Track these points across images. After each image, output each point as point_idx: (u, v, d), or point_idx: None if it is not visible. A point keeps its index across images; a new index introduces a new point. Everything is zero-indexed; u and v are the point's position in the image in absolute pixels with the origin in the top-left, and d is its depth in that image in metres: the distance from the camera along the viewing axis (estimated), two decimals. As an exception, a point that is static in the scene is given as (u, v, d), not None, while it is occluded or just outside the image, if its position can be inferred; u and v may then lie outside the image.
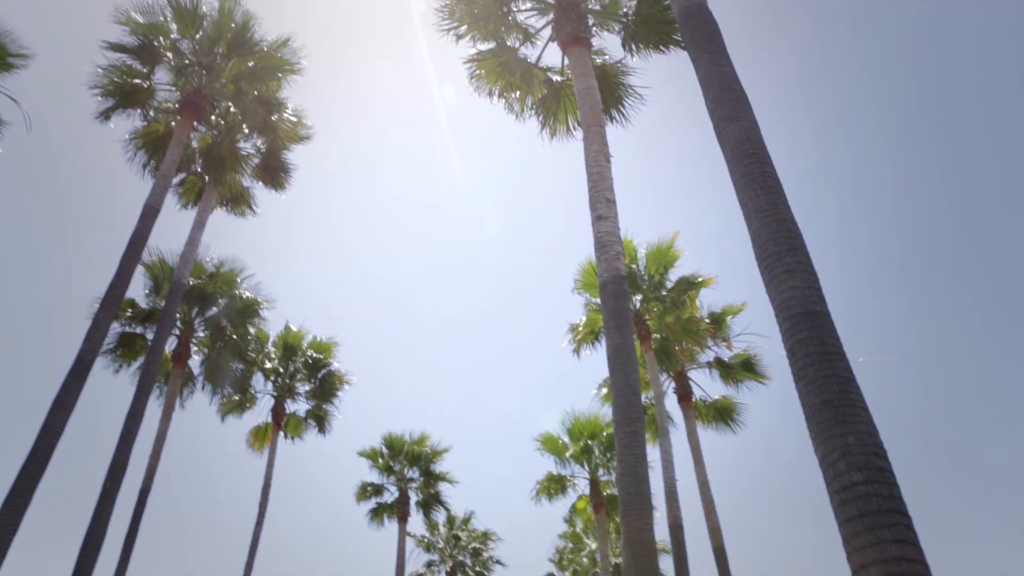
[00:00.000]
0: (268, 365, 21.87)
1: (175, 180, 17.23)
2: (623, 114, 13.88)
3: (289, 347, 22.36)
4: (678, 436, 19.42)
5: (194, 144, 17.06)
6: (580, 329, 19.72)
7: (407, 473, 26.98)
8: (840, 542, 4.71)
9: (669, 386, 18.95)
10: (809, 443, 5.08)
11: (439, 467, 27.21)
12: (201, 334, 19.44)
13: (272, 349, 22.21)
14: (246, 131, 16.97)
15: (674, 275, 18.64)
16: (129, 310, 18.42)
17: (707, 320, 18.71)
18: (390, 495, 26.76)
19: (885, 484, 4.58)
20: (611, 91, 13.54)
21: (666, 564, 24.86)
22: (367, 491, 26.63)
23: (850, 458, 4.62)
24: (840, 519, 4.60)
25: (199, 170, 17.38)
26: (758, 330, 18.90)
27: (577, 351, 19.90)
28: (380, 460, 26.89)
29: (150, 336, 18.46)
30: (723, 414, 19.30)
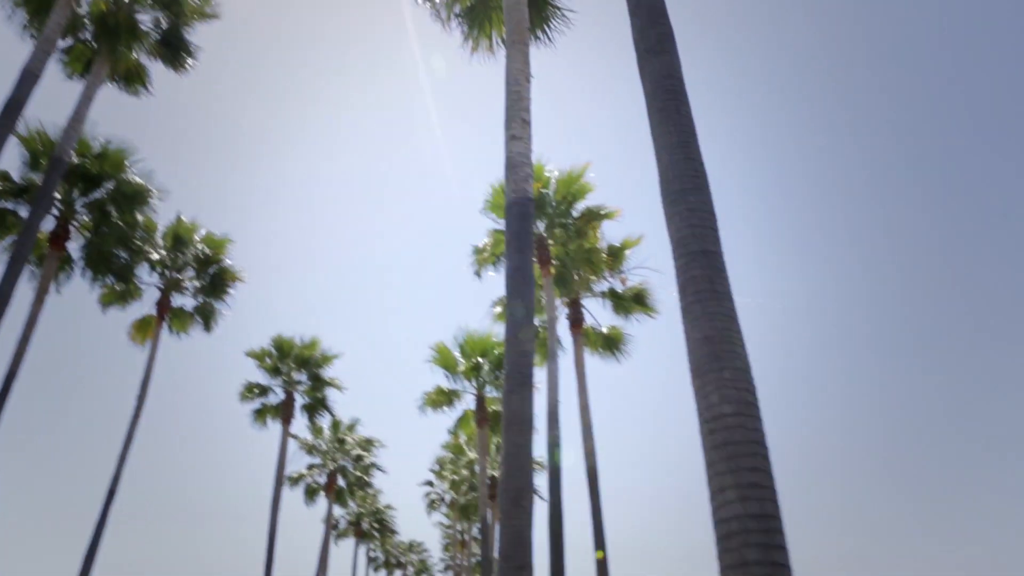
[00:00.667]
0: (155, 256, 20.87)
1: (61, 45, 15.77)
2: (548, 35, 13.64)
3: (179, 239, 21.37)
4: (566, 361, 20.11)
5: (85, 7, 15.57)
6: (484, 251, 19.80)
7: (295, 376, 26.80)
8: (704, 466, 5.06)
9: (563, 312, 19.43)
10: (687, 377, 5.38)
11: (328, 373, 27.18)
12: (84, 217, 18.23)
13: (161, 241, 21.18)
14: (147, 1, 15.64)
15: (581, 205, 18.87)
16: (0, 183, 17.00)
17: (606, 252, 19.16)
18: (276, 397, 26.59)
19: (751, 418, 4.92)
20: (538, 9, 13.24)
21: (541, 480, 26.11)
22: (253, 391, 26.35)
23: (723, 391, 4.92)
24: (707, 446, 4.93)
25: (89, 38, 15.93)
26: (654, 265, 19.51)
27: (479, 272, 20.03)
28: (268, 361, 26.56)
29: (24, 214, 17.17)
30: (611, 343, 20.02)
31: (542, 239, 18.47)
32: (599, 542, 16.27)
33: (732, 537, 4.59)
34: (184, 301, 21.88)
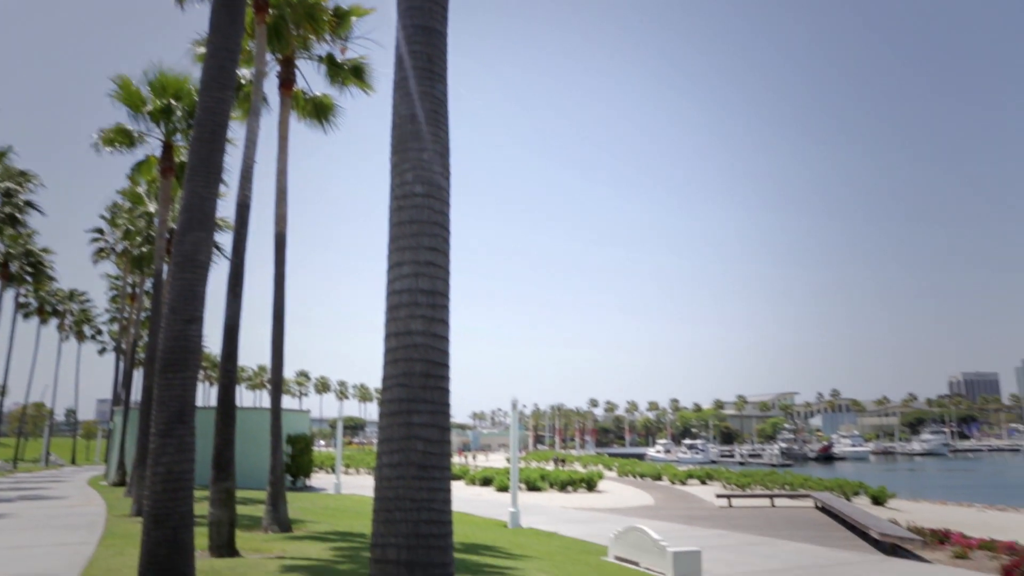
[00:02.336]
0: None
1: None
2: None
3: None
4: (269, 121, 18.86)
5: None
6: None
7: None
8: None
9: (273, 69, 17.90)
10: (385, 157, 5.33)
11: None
12: None
13: None
14: None
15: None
16: None
17: (332, 12, 17.71)
18: None
19: (439, 201, 5.09)
20: None
21: (226, 238, 25.09)
22: None
23: (418, 172, 4.99)
24: (393, 222, 5.04)
25: None
26: (379, 40, 18.57)
27: (181, 1, 17.29)
28: None
29: None
30: (321, 111, 19.11)
31: (261, -20, 16.39)
32: (279, 308, 16.43)
33: (400, 308, 4.88)
34: None
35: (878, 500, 30.59)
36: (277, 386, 16.69)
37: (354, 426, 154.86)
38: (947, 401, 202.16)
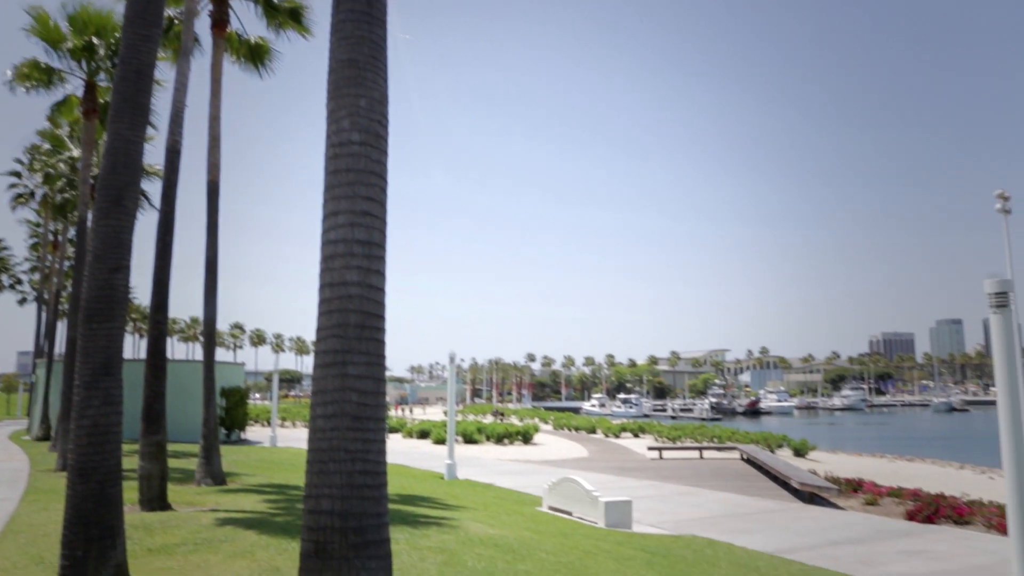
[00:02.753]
0: None
1: None
2: None
3: None
4: (201, 64, 18.09)
5: None
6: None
7: None
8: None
9: (205, 8, 17.08)
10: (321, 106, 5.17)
11: None
12: None
13: None
14: None
15: None
16: None
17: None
18: None
19: (377, 150, 4.99)
20: None
21: (155, 186, 24.14)
22: None
23: (355, 119, 4.87)
24: (328, 170, 4.92)
25: None
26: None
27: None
28: None
29: None
30: (256, 55, 18.39)
31: (191, -89, 15.50)
32: (211, 257, 15.98)
33: (335, 258, 4.80)
34: None
35: (800, 452, 32.06)
36: (210, 338, 16.33)
37: (291, 379, 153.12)
38: (867, 359, 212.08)
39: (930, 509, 14.26)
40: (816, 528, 12.85)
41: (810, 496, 17.27)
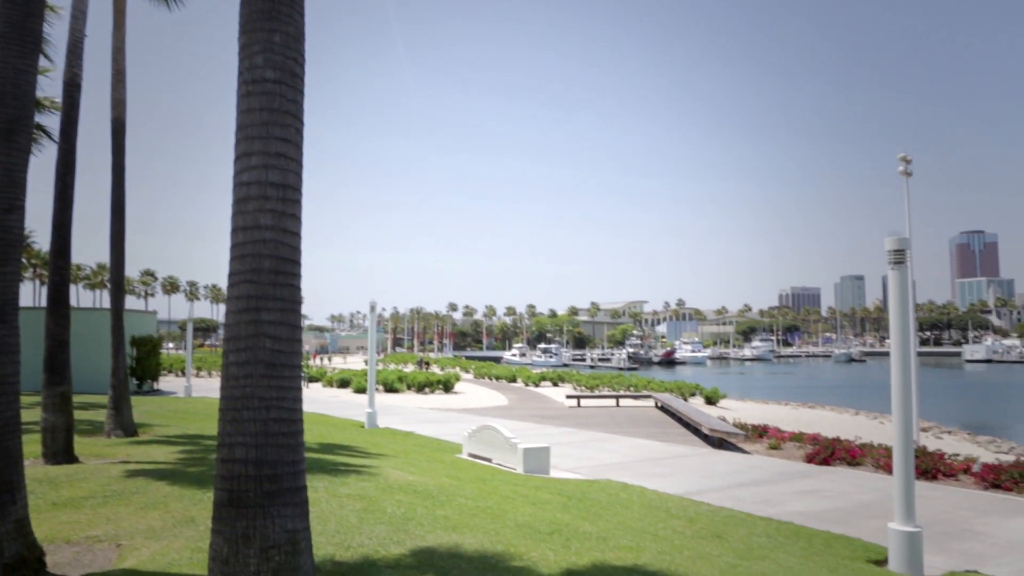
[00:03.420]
0: None
1: None
2: None
3: None
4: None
5: None
6: None
7: None
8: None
9: (106, -70, 15.86)
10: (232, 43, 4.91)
11: None
12: None
13: None
14: None
15: None
16: None
17: None
18: None
19: (292, 88, 4.79)
20: None
21: (53, 121, 22.63)
22: None
23: (269, 55, 4.64)
24: (241, 108, 4.70)
25: None
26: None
27: None
28: None
29: None
30: (164, -15, 17.25)
31: None
32: (118, 200, 15.19)
33: (248, 201, 4.63)
34: None
35: (711, 400, 33.48)
36: (118, 285, 15.62)
37: (206, 328, 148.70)
38: (776, 312, 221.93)
39: (827, 452, 15.21)
40: (724, 471, 13.51)
41: (719, 441, 18.10)
